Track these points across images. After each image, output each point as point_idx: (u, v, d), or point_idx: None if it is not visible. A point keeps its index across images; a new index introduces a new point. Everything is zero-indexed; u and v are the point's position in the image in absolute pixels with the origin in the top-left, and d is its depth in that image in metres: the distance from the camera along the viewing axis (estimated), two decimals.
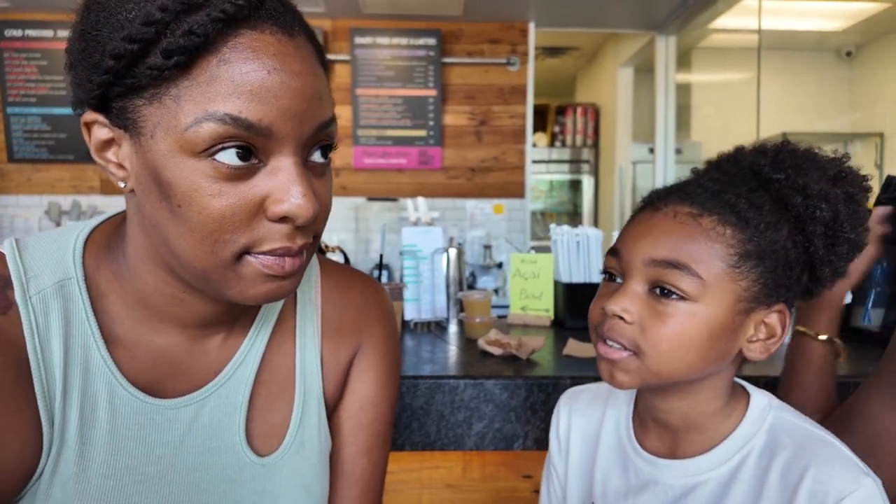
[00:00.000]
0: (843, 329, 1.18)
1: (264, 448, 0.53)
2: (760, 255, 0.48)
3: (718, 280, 0.47)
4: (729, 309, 0.48)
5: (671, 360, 0.48)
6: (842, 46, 3.68)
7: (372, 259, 2.98)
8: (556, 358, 1.02)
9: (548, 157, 4.16)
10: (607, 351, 0.50)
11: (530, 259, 1.39)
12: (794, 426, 0.50)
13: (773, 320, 0.50)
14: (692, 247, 0.48)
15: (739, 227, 0.48)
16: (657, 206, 0.52)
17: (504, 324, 1.37)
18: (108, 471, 0.46)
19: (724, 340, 0.49)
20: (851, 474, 0.45)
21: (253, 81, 0.39)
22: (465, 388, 0.86)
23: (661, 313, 0.48)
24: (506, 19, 2.99)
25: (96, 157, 0.44)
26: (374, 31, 2.93)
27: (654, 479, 0.53)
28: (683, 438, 0.53)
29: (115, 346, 0.48)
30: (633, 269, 0.50)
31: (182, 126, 0.39)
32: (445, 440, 0.86)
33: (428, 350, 1.08)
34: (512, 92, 3.04)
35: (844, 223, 0.50)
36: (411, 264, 1.34)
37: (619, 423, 0.58)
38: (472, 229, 3.03)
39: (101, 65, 0.40)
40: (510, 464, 0.92)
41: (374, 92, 2.95)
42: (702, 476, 0.51)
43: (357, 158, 2.98)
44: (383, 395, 0.61)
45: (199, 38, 0.37)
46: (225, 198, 0.40)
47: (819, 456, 0.47)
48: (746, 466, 0.50)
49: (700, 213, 0.49)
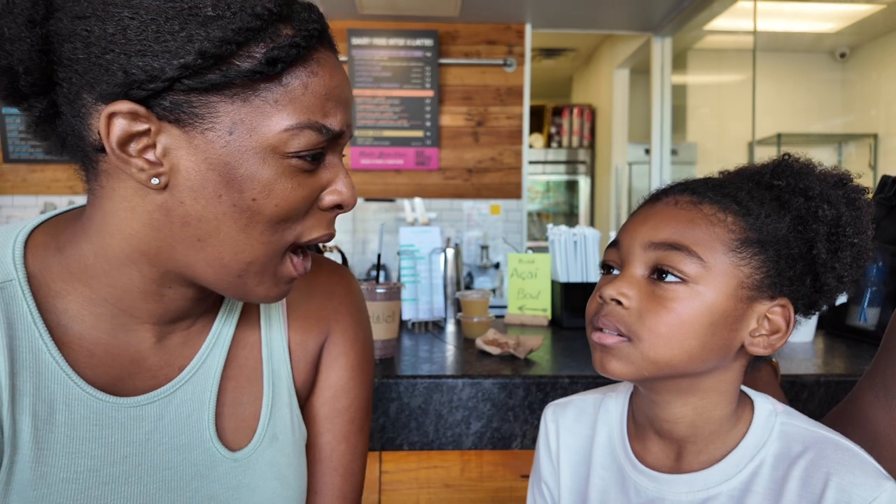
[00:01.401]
0: (840, 328, 1.20)
1: (236, 442, 0.53)
2: (762, 243, 0.47)
3: (720, 263, 0.46)
4: (730, 295, 0.46)
5: (669, 345, 0.45)
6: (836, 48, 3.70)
7: (369, 260, 2.98)
8: (553, 357, 1.02)
9: (544, 158, 4.17)
10: (601, 337, 0.48)
11: (528, 259, 1.40)
12: (806, 431, 0.48)
13: (776, 315, 0.48)
14: (693, 229, 0.47)
15: (741, 215, 0.47)
16: (658, 196, 0.51)
17: (502, 323, 1.37)
18: (69, 475, 0.45)
19: (726, 329, 0.47)
20: (874, 479, 0.43)
21: (338, 95, 0.45)
22: (463, 387, 0.86)
23: (660, 297, 0.46)
24: (502, 20, 2.99)
25: (116, 150, 0.41)
26: (370, 31, 2.93)
27: (660, 496, 0.49)
28: (689, 450, 0.50)
29: (71, 346, 0.47)
30: (633, 255, 0.48)
31: (276, 128, 0.42)
32: (443, 440, 0.86)
33: (426, 350, 1.08)
34: (508, 93, 3.05)
35: (847, 226, 0.49)
36: (409, 264, 1.34)
37: (612, 437, 0.55)
38: (469, 230, 3.03)
39: (173, 58, 0.39)
40: (508, 463, 0.92)
41: (371, 93, 2.95)
42: (712, 490, 0.47)
43: (354, 159, 2.98)
44: (357, 381, 0.61)
45: (301, 50, 0.42)
46: (301, 190, 0.45)
47: (838, 462, 0.44)
48: (760, 477, 0.46)
49: (700, 201, 0.48)
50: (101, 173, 0.45)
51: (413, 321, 1.31)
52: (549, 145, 4.22)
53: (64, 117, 0.44)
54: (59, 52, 0.41)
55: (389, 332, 0.99)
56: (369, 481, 0.91)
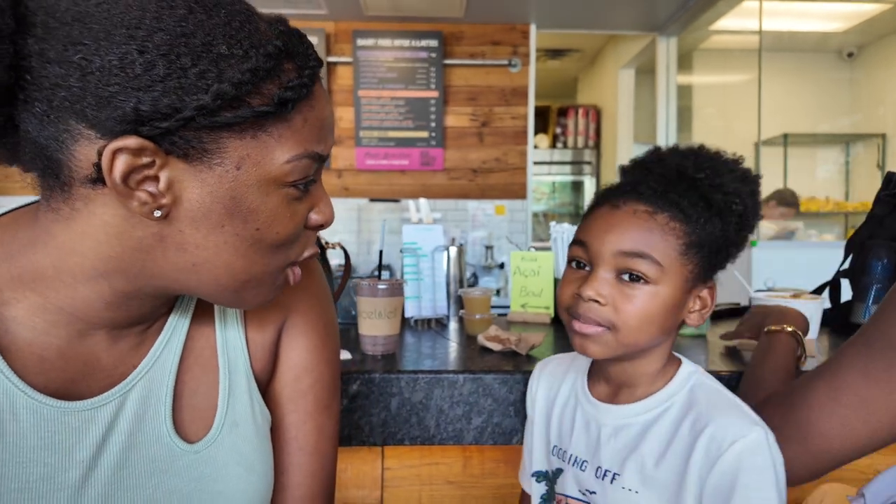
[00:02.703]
0: (844, 325, 1.19)
1: (194, 433, 0.53)
2: (700, 243, 0.59)
3: (672, 265, 0.59)
4: (679, 288, 0.59)
5: (639, 332, 0.59)
6: (843, 47, 3.68)
7: (374, 260, 2.99)
8: (555, 353, 1.02)
9: (549, 159, 4.17)
10: (582, 326, 0.60)
11: (530, 257, 1.40)
12: (710, 388, 0.62)
13: (705, 294, 0.62)
14: (651, 239, 0.58)
15: (685, 222, 0.59)
16: (615, 203, 0.61)
17: (504, 321, 1.37)
18: (21, 484, 0.45)
19: (675, 314, 0.61)
20: (745, 424, 0.56)
21: (327, 124, 0.48)
22: (465, 382, 0.87)
23: (628, 295, 0.59)
24: (507, 21, 3.00)
25: (118, 184, 0.40)
26: (376, 33, 2.94)
27: (595, 418, 0.65)
28: (623, 392, 0.65)
29: (19, 353, 0.46)
30: (602, 259, 0.60)
31: (279, 160, 0.44)
32: (444, 434, 0.87)
33: (428, 346, 1.09)
34: (513, 93, 3.05)
35: (750, 215, 0.62)
36: (411, 262, 1.35)
37: (576, 379, 0.71)
38: (474, 230, 3.04)
39: (186, 94, 0.39)
40: (510, 461, 0.92)
41: (376, 93, 2.96)
42: (629, 419, 0.62)
43: (359, 160, 2.99)
44: (320, 359, 0.61)
45: (308, 90, 0.44)
46: (296, 217, 0.48)
47: (722, 410, 0.58)
48: (666, 415, 0.61)
49: (655, 211, 0.59)
50: (76, 198, 0.43)
51: (415, 318, 1.31)
52: (555, 146, 4.22)
53: (27, 135, 0.42)
54: (38, 72, 0.39)
55: (391, 329, 0.99)
56: (371, 479, 0.91)
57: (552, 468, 0.70)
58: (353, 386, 0.85)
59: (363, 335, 1.00)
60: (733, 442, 0.54)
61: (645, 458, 0.60)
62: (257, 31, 0.43)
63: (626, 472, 0.61)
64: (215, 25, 0.40)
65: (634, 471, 0.60)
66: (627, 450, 0.61)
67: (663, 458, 0.59)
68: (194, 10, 0.40)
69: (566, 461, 0.67)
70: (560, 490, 0.68)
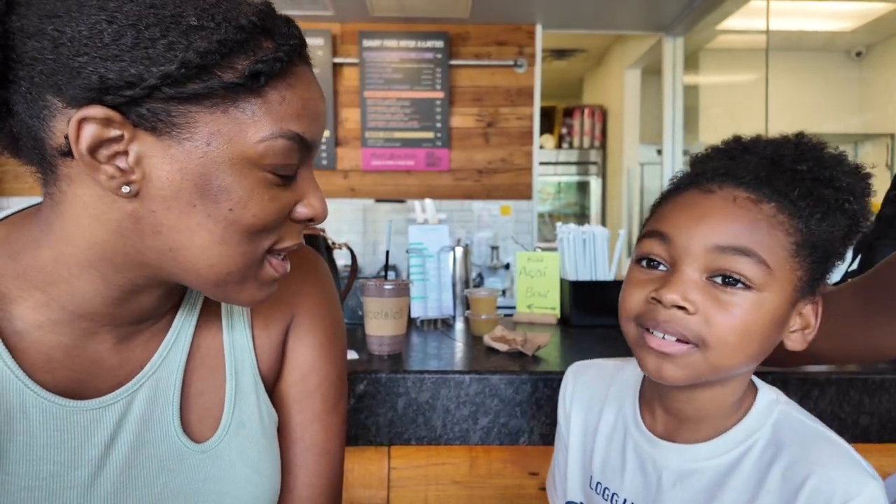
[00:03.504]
0: None
1: (201, 433, 0.53)
2: (814, 245, 0.47)
3: (781, 268, 0.46)
4: (787, 299, 0.47)
5: (736, 352, 0.46)
6: (852, 46, 3.65)
7: (380, 261, 2.99)
8: (561, 354, 1.02)
9: (555, 159, 4.16)
10: (661, 344, 0.47)
11: (536, 257, 1.40)
12: (800, 423, 0.49)
13: (807, 311, 0.49)
14: (756, 233, 0.46)
15: (796, 216, 0.47)
16: (709, 188, 0.49)
17: (510, 322, 1.37)
18: (31, 482, 0.45)
19: (778, 331, 0.48)
20: (858, 477, 0.44)
21: (313, 107, 0.46)
22: (471, 382, 0.87)
23: (725, 303, 0.45)
24: (513, 21, 3.00)
25: (85, 156, 0.40)
26: (382, 34, 2.95)
27: (652, 458, 0.53)
28: (687, 427, 0.52)
29: (28, 352, 0.46)
30: (690, 256, 0.47)
31: (253, 139, 0.43)
32: (451, 435, 0.87)
33: (434, 346, 1.09)
34: (519, 94, 3.05)
35: (862, 216, 0.49)
36: (417, 262, 1.35)
37: (623, 400, 0.58)
38: (480, 231, 3.03)
39: (153, 65, 0.39)
40: (517, 461, 0.92)
41: (382, 94, 2.97)
42: (700, 463, 0.50)
43: (365, 160, 3.00)
44: (326, 359, 0.61)
45: (283, 64, 0.43)
46: (277, 202, 0.46)
47: (825, 456, 0.46)
48: (747, 460, 0.49)
49: (760, 199, 0.47)
50: (61, 178, 0.43)
51: (421, 319, 1.31)
52: (560, 146, 4.21)
53: (18, 117, 0.42)
54: (20, 49, 0.40)
55: (398, 329, 1.00)
56: (378, 479, 0.91)
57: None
58: (360, 386, 0.86)
59: (369, 335, 1.00)
60: (847, 500, 0.43)
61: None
62: (235, 8, 0.42)
63: None
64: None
65: None
66: (699, 503, 0.50)
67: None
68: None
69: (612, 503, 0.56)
70: None
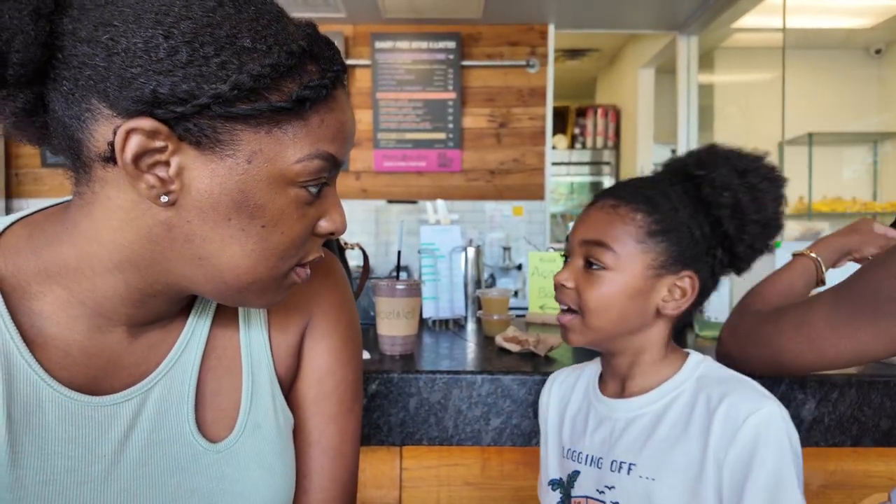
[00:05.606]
0: None
1: (217, 433, 0.53)
2: (664, 232, 0.62)
3: (629, 253, 0.62)
4: (639, 275, 0.63)
5: (599, 316, 0.63)
6: (870, 44, 3.59)
7: (392, 262, 2.99)
8: (574, 355, 1.01)
9: (568, 160, 4.14)
10: (561, 317, 0.67)
11: (549, 258, 1.39)
12: (718, 370, 0.64)
13: (684, 284, 0.64)
14: (610, 229, 0.63)
15: (648, 212, 0.63)
16: (594, 201, 0.68)
17: (523, 322, 1.37)
18: (46, 477, 0.45)
19: (639, 300, 0.63)
20: (758, 399, 0.58)
21: (347, 130, 0.48)
22: (483, 383, 0.86)
23: (590, 281, 0.64)
24: (525, 21, 2.99)
25: (128, 164, 0.41)
26: (394, 35, 2.96)
27: (608, 415, 0.67)
28: (629, 384, 0.67)
29: (45, 347, 0.46)
30: (573, 250, 0.67)
31: (291, 159, 0.44)
32: (463, 435, 0.86)
33: (446, 346, 1.09)
34: (531, 94, 3.04)
35: (747, 207, 0.63)
36: (429, 263, 1.35)
37: (588, 382, 0.73)
38: (492, 231, 3.03)
39: (205, 83, 0.40)
40: (529, 462, 0.92)
41: (395, 95, 2.98)
42: (642, 409, 0.64)
43: (377, 161, 3.01)
44: (343, 362, 0.61)
45: (328, 91, 0.44)
46: (304, 220, 0.47)
47: (734, 388, 0.60)
48: (678, 402, 0.62)
49: (618, 204, 0.64)
50: (95, 180, 0.44)
51: (433, 319, 1.31)
52: (573, 146, 4.19)
53: (54, 114, 0.43)
54: (68, 51, 0.41)
55: (409, 329, 1.00)
56: (390, 479, 0.91)
57: (566, 473, 0.70)
58: (372, 386, 0.86)
59: (381, 335, 1.00)
60: (748, 416, 0.56)
61: (660, 444, 0.61)
62: (284, 30, 0.43)
63: (641, 461, 0.62)
64: (242, 20, 0.42)
65: (650, 458, 0.61)
66: (642, 439, 0.63)
67: (679, 442, 0.60)
68: (224, 3, 0.41)
69: (581, 462, 0.68)
70: (577, 492, 0.68)
